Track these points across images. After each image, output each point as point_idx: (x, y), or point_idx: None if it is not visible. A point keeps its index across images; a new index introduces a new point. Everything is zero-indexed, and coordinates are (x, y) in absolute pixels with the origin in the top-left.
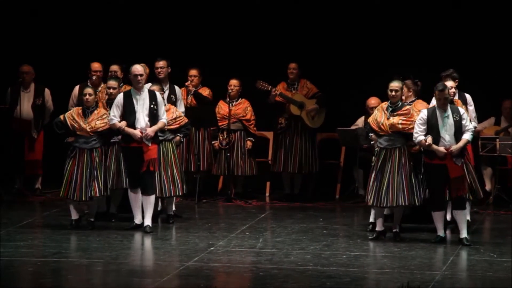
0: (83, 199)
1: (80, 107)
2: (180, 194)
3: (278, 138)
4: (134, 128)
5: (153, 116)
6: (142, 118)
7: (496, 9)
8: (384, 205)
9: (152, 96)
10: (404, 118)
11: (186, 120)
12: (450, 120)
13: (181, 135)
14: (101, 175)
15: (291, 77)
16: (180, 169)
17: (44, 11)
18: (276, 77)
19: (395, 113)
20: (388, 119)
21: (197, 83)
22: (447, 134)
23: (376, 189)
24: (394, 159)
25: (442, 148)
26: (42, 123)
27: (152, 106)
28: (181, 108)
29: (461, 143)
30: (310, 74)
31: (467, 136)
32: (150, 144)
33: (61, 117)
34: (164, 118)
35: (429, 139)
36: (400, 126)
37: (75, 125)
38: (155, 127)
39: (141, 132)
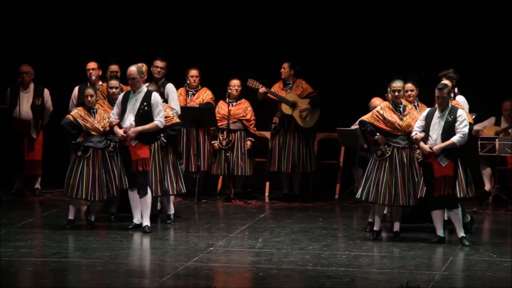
0: (105, 197)
1: (82, 108)
2: (160, 194)
3: (273, 138)
4: (121, 127)
5: (142, 117)
6: (128, 119)
7: (496, 9)
8: (396, 204)
9: (146, 96)
10: (414, 117)
11: (175, 120)
12: (442, 121)
13: (162, 135)
14: (116, 173)
15: (282, 76)
16: (171, 168)
17: (44, 11)
18: (275, 76)
19: (405, 113)
20: (401, 119)
21: (197, 83)
22: (434, 134)
23: (405, 189)
24: (407, 158)
25: (426, 146)
26: (41, 123)
27: (142, 106)
28: (172, 103)
29: (443, 144)
30: (309, 74)
31: (454, 139)
32: (134, 145)
33: (70, 117)
34: (158, 120)
35: (418, 136)
36: (414, 126)
37: (87, 124)
38: (139, 128)
39: (125, 132)
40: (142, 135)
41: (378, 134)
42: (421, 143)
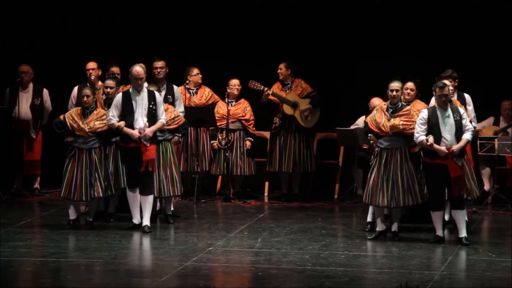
0: (84, 199)
1: (80, 108)
2: (179, 194)
3: (273, 138)
4: (132, 128)
5: (152, 116)
6: (140, 119)
7: (496, 8)
8: (392, 206)
9: (151, 96)
10: (405, 119)
11: (184, 119)
12: (451, 120)
13: (179, 134)
14: (103, 175)
15: (280, 77)
16: (178, 170)
17: (43, 11)
18: (274, 76)
19: (395, 114)
20: (388, 120)
21: (200, 82)
22: (448, 134)
23: (380, 189)
24: (395, 160)
25: (443, 148)
26: (40, 123)
27: (151, 106)
28: (180, 108)
29: (461, 143)
30: (309, 73)
31: (467, 136)
32: (148, 145)
33: (61, 117)
34: (163, 118)
35: (431, 139)
36: (401, 127)
37: (74, 125)
38: (153, 128)
39: (140, 133)
40: (153, 135)
41: (370, 135)
42: (436, 145)
